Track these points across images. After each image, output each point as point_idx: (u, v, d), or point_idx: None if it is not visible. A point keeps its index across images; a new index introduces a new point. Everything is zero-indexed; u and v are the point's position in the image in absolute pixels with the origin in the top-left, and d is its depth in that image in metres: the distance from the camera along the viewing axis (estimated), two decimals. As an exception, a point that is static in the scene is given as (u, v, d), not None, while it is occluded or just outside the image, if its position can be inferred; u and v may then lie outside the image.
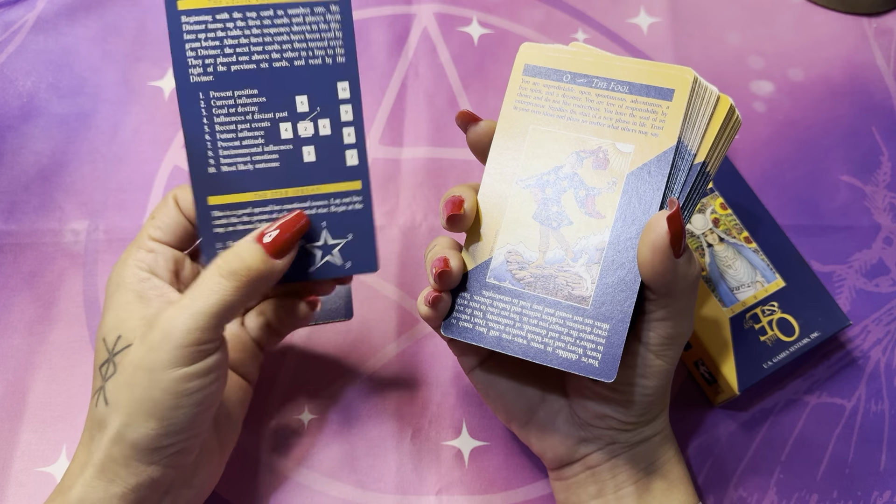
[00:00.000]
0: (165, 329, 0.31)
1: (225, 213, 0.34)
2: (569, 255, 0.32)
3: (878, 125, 0.52)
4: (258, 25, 0.34)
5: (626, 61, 0.33)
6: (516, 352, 0.32)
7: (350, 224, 0.35)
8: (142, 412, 0.31)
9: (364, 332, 0.45)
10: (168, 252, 0.35)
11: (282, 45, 0.34)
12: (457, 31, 0.54)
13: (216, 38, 0.33)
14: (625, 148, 0.32)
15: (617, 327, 0.31)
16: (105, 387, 0.32)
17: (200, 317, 0.31)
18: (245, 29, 0.34)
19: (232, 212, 0.34)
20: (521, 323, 0.32)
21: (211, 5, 0.33)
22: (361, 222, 0.35)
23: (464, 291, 0.33)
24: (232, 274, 0.31)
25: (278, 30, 0.34)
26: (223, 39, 0.33)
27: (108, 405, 0.32)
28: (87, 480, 0.32)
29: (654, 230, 0.30)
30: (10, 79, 0.51)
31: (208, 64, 0.33)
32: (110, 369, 0.33)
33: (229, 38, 0.34)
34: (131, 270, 0.34)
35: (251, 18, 0.34)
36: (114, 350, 0.33)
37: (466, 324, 0.33)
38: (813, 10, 0.56)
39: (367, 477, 0.41)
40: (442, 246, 0.33)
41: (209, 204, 0.34)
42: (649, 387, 0.33)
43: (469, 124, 0.34)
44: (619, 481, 0.35)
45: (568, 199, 0.33)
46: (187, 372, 0.31)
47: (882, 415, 0.44)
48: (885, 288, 0.47)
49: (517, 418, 0.36)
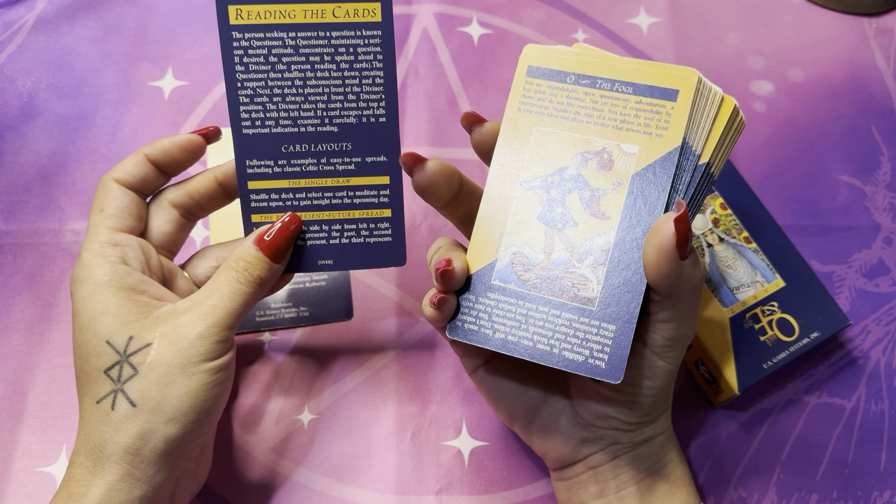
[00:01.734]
0: (197, 328, 0.33)
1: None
2: (574, 257, 0.32)
3: (878, 125, 0.52)
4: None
5: (629, 62, 0.33)
6: (522, 354, 0.32)
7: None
8: (180, 407, 0.32)
9: (364, 332, 0.45)
10: (134, 241, 0.35)
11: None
12: (457, 31, 0.54)
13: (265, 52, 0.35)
14: (629, 149, 0.32)
15: (623, 328, 0.31)
16: (124, 389, 0.32)
17: (228, 318, 0.33)
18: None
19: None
20: (527, 325, 0.32)
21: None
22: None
23: (469, 293, 0.33)
24: (248, 278, 0.34)
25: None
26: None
27: (135, 406, 0.32)
28: (111, 483, 0.31)
29: (661, 232, 0.30)
30: (10, 79, 0.51)
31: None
32: (126, 370, 0.32)
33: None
34: (106, 268, 0.33)
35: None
36: (126, 351, 0.32)
37: (472, 326, 0.33)
38: (813, 10, 0.56)
39: (367, 477, 0.41)
40: (446, 248, 0.33)
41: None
42: (652, 388, 0.33)
43: (474, 125, 0.34)
44: (621, 482, 0.35)
45: (573, 201, 0.33)
46: (219, 363, 0.33)
47: (882, 415, 0.44)
48: (885, 288, 0.47)
49: (520, 419, 0.36)
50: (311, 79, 0.36)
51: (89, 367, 0.33)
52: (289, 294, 0.45)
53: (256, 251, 0.34)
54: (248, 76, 0.35)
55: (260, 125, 0.35)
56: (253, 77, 0.35)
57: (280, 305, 0.45)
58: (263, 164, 0.36)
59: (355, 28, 0.35)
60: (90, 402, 0.33)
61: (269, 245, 0.34)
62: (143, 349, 0.32)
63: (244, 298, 0.34)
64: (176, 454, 0.33)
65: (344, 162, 0.36)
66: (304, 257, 0.36)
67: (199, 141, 0.37)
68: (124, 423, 0.32)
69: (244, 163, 0.36)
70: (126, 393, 0.32)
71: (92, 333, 0.33)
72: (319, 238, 0.37)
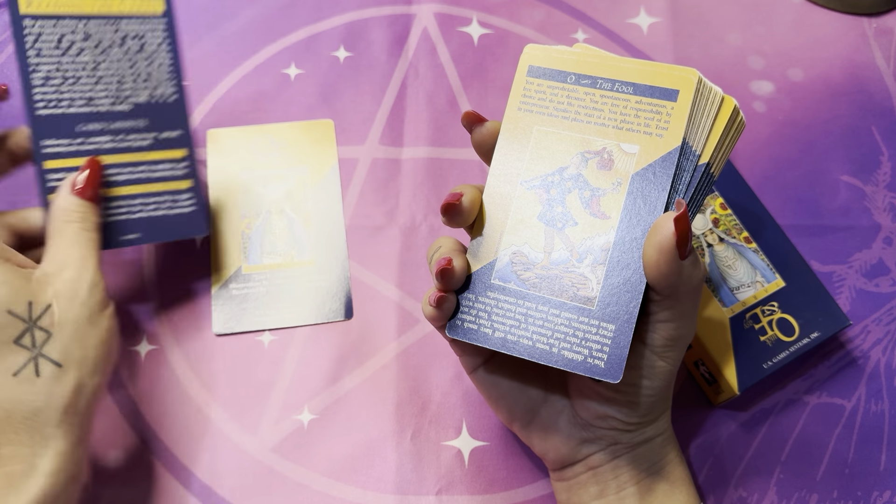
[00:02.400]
0: (84, 281, 0.35)
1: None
2: (574, 256, 0.32)
3: (878, 125, 0.52)
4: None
5: (630, 62, 0.33)
6: (522, 353, 0.32)
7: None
8: (99, 356, 0.34)
9: (364, 332, 0.45)
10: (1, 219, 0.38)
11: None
12: (457, 31, 0.54)
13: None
14: (629, 149, 0.32)
15: (623, 328, 0.31)
16: (44, 353, 0.33)
17: (93, 260, 0.36)
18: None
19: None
20: (527, 324, 0.32)
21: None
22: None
23: (468, 292, 0.33)
24: (83, 221, 0.36)
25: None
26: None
27: (61, 366, 0.33)
28: (62, 449, 0.32)
29: (661, 231, 0.30)
30: (10, 79, 0.51)
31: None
32: (39, 335, 0.33)
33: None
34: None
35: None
36: (32, 317, 0.33)
37: (471, 325, 0.33)
38: (813, 10, 0.56)
39: (367, 477, 0.41)
40: (446, 247, 0.33)
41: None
42: (652, 388, 0.33)
43: (474, 125, 0.34)
44: (620, 482, 0.35)
45: (573, 200, 0.33)
46: (112, 310, 0.36)
47: (882, 415, 0.44)
48: (885, 288, 0.47)
49: (519, 419, 0.36)
50: (103, 62, 0.39)
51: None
52: (287, 294, 0.46)
53: (81, 200, 0.37)
54: (40, 60, 0.38)
55: (54, 106, 0.38)
56: (45, 62, 0.38)
57: (280, 305, 0.45)
58: (59, 144, 0.38)
59: (141, 18, 0.40)
60: (5, 377, 0.32)
61: (85, 191, 0.37)
62: (47, 311, 0.33)
63: (96, 244, 0.36)
64: (94, 407, 0.35)
65: (140, 138, 0.39)
66: (112, 233, 0.39)
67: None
68: (56, 385, 0.32)
69: (39, 143, 0.38)
70: (47, 356, 0.33)
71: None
72: (123, 213, 0.39)
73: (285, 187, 0.48)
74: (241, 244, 0.46)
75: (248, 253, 0.46)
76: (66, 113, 0.38)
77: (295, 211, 0.48)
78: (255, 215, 0.47)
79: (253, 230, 0.47)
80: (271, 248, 0.47)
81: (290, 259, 0.46)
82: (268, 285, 0.45)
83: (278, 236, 0.47)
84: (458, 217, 0.32)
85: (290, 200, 0.48)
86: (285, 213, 0.48)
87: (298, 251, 0.47)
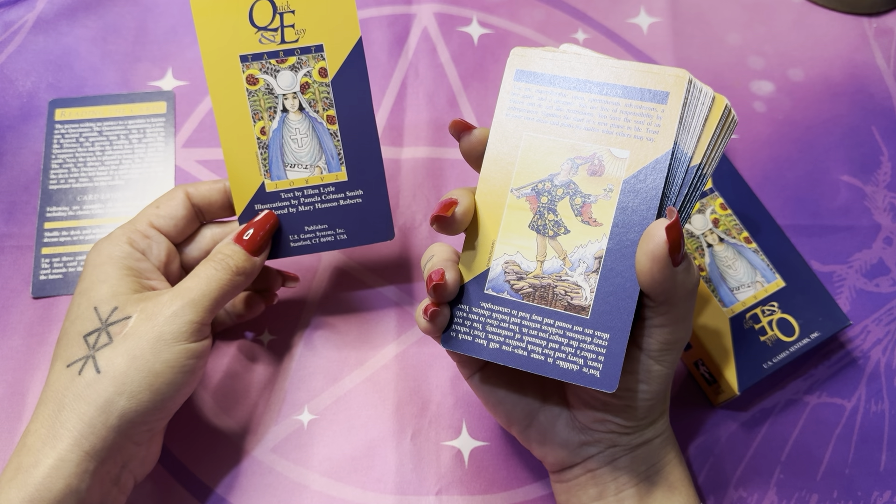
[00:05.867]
0: (172, 307, 0.34)
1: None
2: (566, 264, 0.32)
3: (878, 125, 0.52)
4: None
5: (619, 63, 0.32)
6: (517, 364, 0.32)
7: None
8: (140, 382, 0.33)
9: (364, 332, 0.45)
10: (164, 242, 0.38)
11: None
12: (457, 31, 0.54)
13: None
14: (620, 154, 0.32)
15: (617, 336, 0.31)
16: (95, 356, 0.33)
17: (203, 299, 0.35)
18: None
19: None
20: (521, 334, 0.32)
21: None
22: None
23: (462, 303, 0.33)
24: (225, 267, 0.36)
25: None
26: None
27: (99, 373, 0.32)
28: (62, 454, 0.31)
29: (653, 239, 0.29)
30: (10, 79, 0.51)
31: None
32: (103, 338, 0.33)
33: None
34: (124, 248, 0.36)
35: None
36: (108, 320, 0.33)
37: (466, 336, 0.32)
38: (813, 10, 0.56)
39: (367, 477, 0.41)
40: (439, 257, 0.33)
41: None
42: (649, 391, 0.33)
43: (462, 133, 0.33)
44: (620, 484, 0.35)
45: (564, 207, 0.32)
46: (188, 348, 0.34)
47: (882, 415, 0.44)
48: (885, 288, 0.47)
49: (517, 423, 0.36)
50: (108, 150, 0.48)
51: (73, 330, 0.34)
52: (322, 217, 0.40)
53: (235, 245, 0.37)
54: (60, 151, 0.48)
55: (63, 183, 0.47)
56: (64, 152, 0.48)
57: (315, 229, 0.40)
58: (59, 210, 0.46)
59: (146, 118, 0.49)
60: (61, 365, 0.34)
61: (249, 242, 0.37)
62: (123, 321, 0.34)
63: (220, 284, 0.36)
64: (125, 433, 0.33)
65: (126, 206, 0.47)
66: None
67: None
68: (86, 390, 0.32)
69: (44, 209, 0.46)
70: (96, 360, 0.33)
71: (86, 297, 0.35)
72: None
73: (299, 75, 0.39)
74: (259, 154, 0.39)
75: (269, 166, 0.39)
76: (72, 187, 0.47)
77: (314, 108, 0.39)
78: (267, 116, 0.39)
79: (270, 135, 0.39)
80: (294, 160, 0.39)
81: (317, 173, 0.40)
82: (298, 206, 0.39)
83: (301, 144, 0.39)
84: (448, 228, 0.32)
85: (307, 93, 0.39)
86: (305, 113, 0.39)
87: (328, 163, 0.40)
